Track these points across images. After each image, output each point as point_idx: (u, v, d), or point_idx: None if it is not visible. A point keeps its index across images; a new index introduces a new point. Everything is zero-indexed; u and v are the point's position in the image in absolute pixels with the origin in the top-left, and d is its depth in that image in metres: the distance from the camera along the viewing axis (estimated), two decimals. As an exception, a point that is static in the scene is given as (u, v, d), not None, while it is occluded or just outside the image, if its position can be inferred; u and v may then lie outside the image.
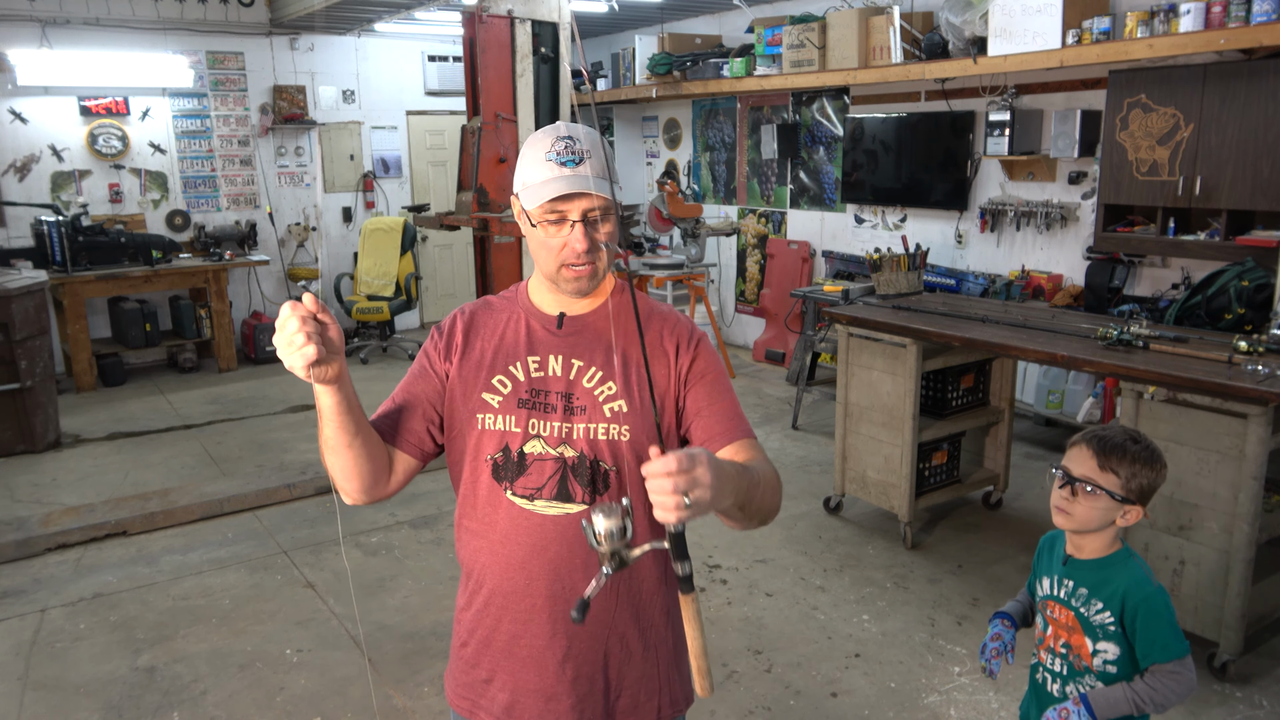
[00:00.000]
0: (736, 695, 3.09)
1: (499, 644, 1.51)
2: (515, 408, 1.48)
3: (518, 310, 1.57)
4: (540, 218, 1.44)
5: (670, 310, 1.60)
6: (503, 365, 1.51)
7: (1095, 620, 1.81)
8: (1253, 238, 4.37)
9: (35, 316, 5.63)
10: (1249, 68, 4.30)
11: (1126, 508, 1.78)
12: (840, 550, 4.17)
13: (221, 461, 5.47)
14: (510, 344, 1.53)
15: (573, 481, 1.46)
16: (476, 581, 1.53)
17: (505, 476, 1.47)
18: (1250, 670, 3.18)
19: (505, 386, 1.50)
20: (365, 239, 8.28)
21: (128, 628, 3.60)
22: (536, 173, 1.44)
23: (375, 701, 3.12)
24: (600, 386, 1.49)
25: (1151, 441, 1.82)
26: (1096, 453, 1.78)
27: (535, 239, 1.47)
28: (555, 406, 1.48)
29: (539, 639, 1.49)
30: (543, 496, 1.46)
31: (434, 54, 8.83)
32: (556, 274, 1.48)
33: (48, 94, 7.13)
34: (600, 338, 1.52)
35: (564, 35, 4.94)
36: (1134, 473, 1.76)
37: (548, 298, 1.56)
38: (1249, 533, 2.98)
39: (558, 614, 1.48)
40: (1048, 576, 1.92)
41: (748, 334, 8.15)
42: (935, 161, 6.16)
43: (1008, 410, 4.49)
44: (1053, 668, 1.89)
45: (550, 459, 1.47)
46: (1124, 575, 1.80)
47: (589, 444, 1.47)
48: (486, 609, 1.52)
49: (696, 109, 8.30)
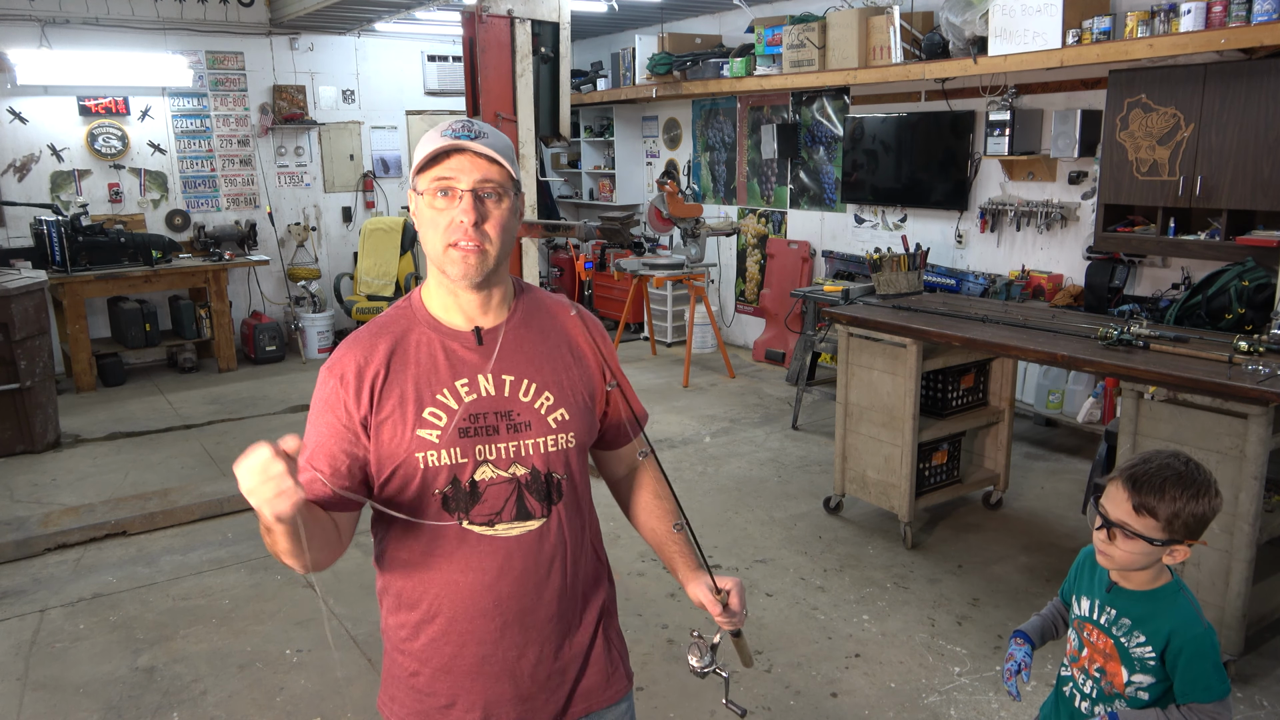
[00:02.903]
0: (736, 695, 3.08)
1: (462, 668, 1.48)
2: (457, 438, 1.41)
3: (421, 329, 1.46)
4: (427, 187, 1.38)
5: (563, 299, 1.59)
6: (430, 396, 1.41)
7: (1135, 653, 1.74)
8: (1253, 238, 4.37)
9: (35, 316, 5.63)
10: (1249, 67, 4.30)
11: (1171, 548, 1.66)
12: (840, 550, 4.17)
13: (221, 461, 5.47)
14: (429, 370, 1.43)
15: (529, 498, 1.45)
16: (427, 612, 1.47)
17: (458, 507, 1.42)
18: (1250, 670, 3.18)
19: (439, 418, 1.41)
20: (365, 239, 8.28)
21: (127, 628, 3.60)
22: (425, 146, 1.39)
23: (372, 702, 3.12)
24: (538, 399, 1.47)
25: (1200, 469, 1.67)
26: (1132, 494, 1.66)
27: (423, 219, 1.40)
28: (497, 427, 1.43)
29: (510, 652, 1.48)
30: (503, 520, 1.44)
31: (434, 54, 8.83)
32: (443, 255, 1.39)
33: (47, 94, 7.13)
34: (521, 347, 1.48)
35: (564, 35, 4.93)
36: (1175, 512, 1.63)
37: (451, 308, 1.46)
38: (1249, 533, 2.98)
39: (529, 624, 1.48)
40: (1087, 598, 1.85)
41: (748, 334, 8.15)
42: (935, 161, 6.16)
43: (1008, 410, 4.49)
44: (1083, 688, 1.84)
45: (503, 481, 1.44)
46: (1172, 612, 1.71)
47: (541, 459, 1.46)
48: (445, 637, 1.47)
49: (696, 109, 8.30)
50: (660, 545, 1.67)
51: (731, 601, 1.53)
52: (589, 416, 1.54)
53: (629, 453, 1.69)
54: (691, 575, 1.61)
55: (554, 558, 1.49)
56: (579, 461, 1.52)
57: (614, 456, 1.70)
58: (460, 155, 1.37)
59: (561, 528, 1.50)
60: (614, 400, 1.60)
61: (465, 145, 1.35)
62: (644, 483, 1.70)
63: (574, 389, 1.51)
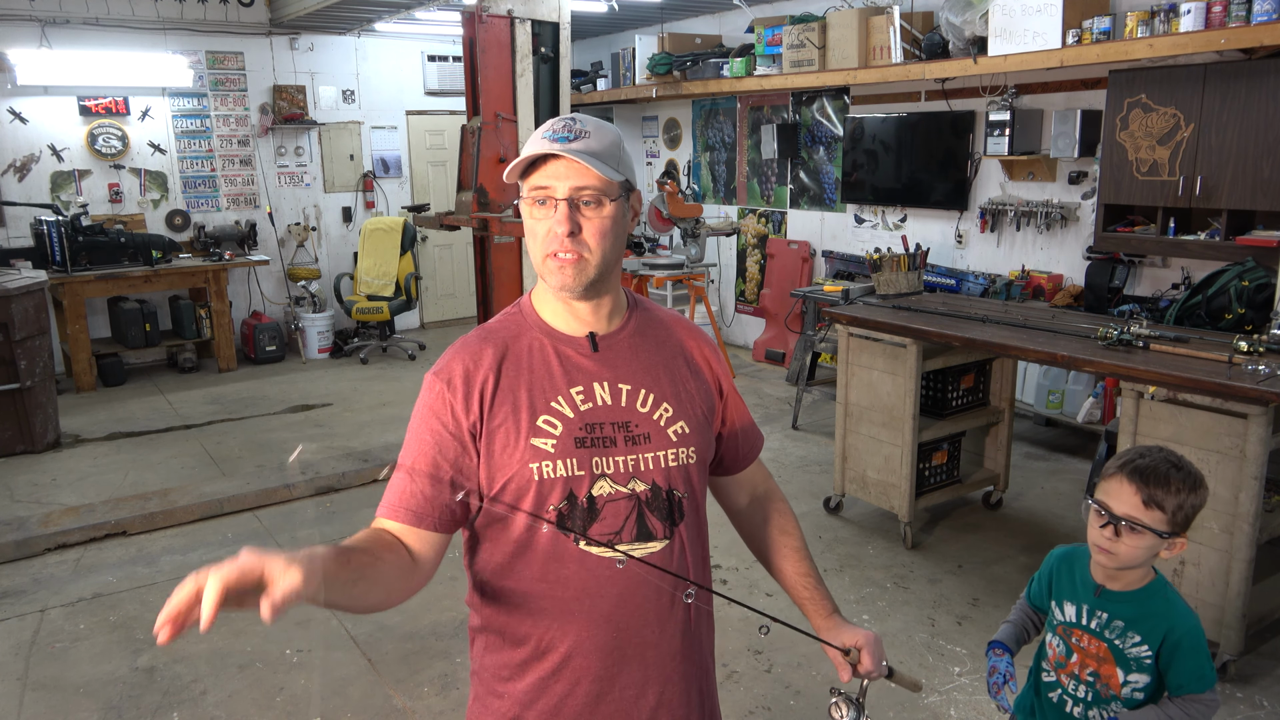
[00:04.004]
0: (736, 695, 3.09)
1: (573, 708, 1.35)
2: (574, 449, 1.31)
3: (533, 333, 1.38)
4: (526, 195, 1.31)
5: (679, 315, 1.54)
6: (544, 403, 1.32)
7: (1132, 653, 1.73)
8: (1253, 238, 4.37)
9: (35, 316, 5.63)
10: (1249, 67, 4.30)
11: (1172, 540, 1.67)
12: (840, 550, 4.17)
13: (221, 461, 5.47)
14: (543, 376, 1.34)
15: (650, 517, 1.35)
16: (536, 648, 1.35)
17: (574, 526, 1.31)
18: (1250, 670, 3.18)
19: (555, 427, 1.32)
20: (365, 239, 8.28)
21: (127, 628, 3.60)
22: (525, 149, 1.31)
23: (376, 701, 3.12)
24: (657, 410, 1.38)
25: (1191, 464, 1.70)
26: (1140, 487, 1.64)
27: (525, 226, 1.34)
28: (615, 439, 1.34)
29: (629, 691, 1.36)
30: (623, 540, 1.33)
31: (434, 54, 8.83)
32: (543, 265, 1.32)
33: (47, 94, 7.13)
34: (637, 355, 1.40)
35: (564, 35, 4.93)
36: (1180, 504, 1.64)
37: (561, 313, 1.38)
38: (1249, 533, 2.98)
39: (649, 661, 1.37)
40: (1071, 603, 1.82)
41: (748, 334, 8.15)
42: (935, 161, 6.16)
43: (1008, 410, 4.49)
44: (1075, 693, 1.82)
45: (622, 498, 1.33)
46: (1166, 608, 1.72)
47: (662, 474, 1.36)
48: (557, 675, 1.34)
49: (696, 109, 8.29)
50: (791, 589, 1.56)
51: (863, 663, 1.42)
52: (708, 432, 1.45)
53: (749, 478, 1.60)
54: (824, 625, 1.50)
55: (677, 586, 1.38)
56: (700, 479, 1.43)
57: (733, 483, 1.59)
58: (557, 160, 1.29)
59: (685, 552, 1.39)
60: (729, 417, 1.51)
61: (560, 151, 1.27)
62: (771, 517, 1.60)
63: (692, 402, 1.42)
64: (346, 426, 6.10)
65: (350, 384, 7.24)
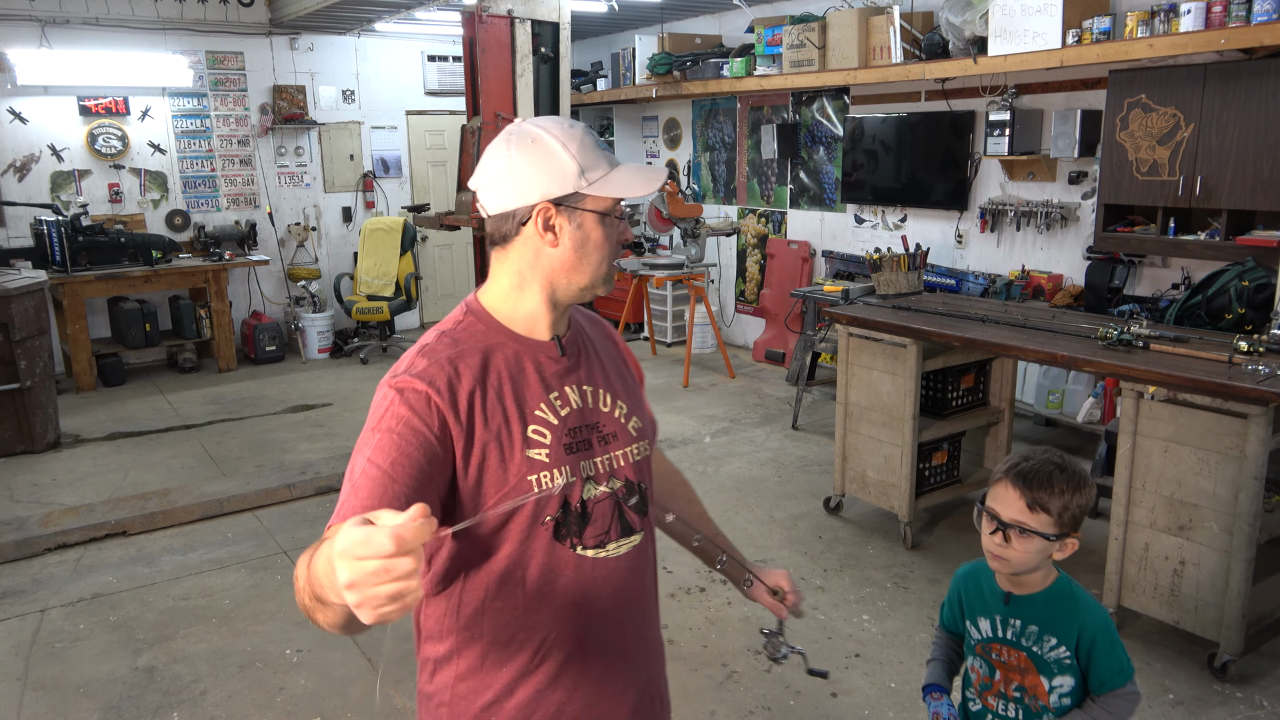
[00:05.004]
0: (736, 695, 3.09)
1: (571, 713, 1.36)
2: (565, 455, 1.31)
3: (502, 341, 1.34)
4: (610, 207, 1.32)
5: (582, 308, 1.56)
6: (530, 413, 1.31)
7: (1050, 657, 1.70)
8: (1253, 238, 4.37)
9: (35, 316, 5.63)
10: (1249, 67, 4.30)
11: (1063, 541, 1.66)
12: (840, 550, 4.17)
13: (221, 461, 5.47)
14: (523, 385, 1.32)
15: (628, 512, 1.39)
16: (532, 660, 1.33)
17: (569, 533, 1.31)
18: (1250, 670, 3.18)
19: (545, 436, 1.30)
20: (365, 239, 8.28)
21: (128, 628, 3.60)
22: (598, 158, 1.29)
23: (377, 701, 3.12)
24: (616, 409, 1.41)
25: (1076, 463, 1.70)
26: (1024, 491, 1.65)
27: (595, 239, 1.32)
28: (591, 441, 1.36)
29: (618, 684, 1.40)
30: (612, 538, 1.36)
31: (434, 54, 8.83)
32: (606, 277, 1.35)
33: (47, 94, 7.13)
34: (589, 356, 1.43)
35: (564, 35, 4.93)
36: (1065, 505, 1.64)
37: (532, 319, 1.36)
38: (1249, 533, 2.98)
39: (635, 651, 1.42)
40: (985, 618, 1.79)
41: (748, 334, 8.15)
42: (935, 161, 6.16)
43: (1008, 410, 4.49)
44: (1006, 713, 1.76)
45: (606, 498, 1.36)
46: (1076, 606, 1.71)
47: (633, 469, 1.40)
48: (555, 684, 1.33)
49: (696, 109, 8.29)
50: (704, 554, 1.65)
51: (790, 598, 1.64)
52: (649, 423, 1.50)
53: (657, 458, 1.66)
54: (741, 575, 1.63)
55: (649, 574, 1.43)
56: (650, 469, 1.48)
57: None
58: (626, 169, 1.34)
59: (651, 540, 1.45)
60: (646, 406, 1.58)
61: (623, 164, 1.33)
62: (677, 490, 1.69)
63: (634, 396, 1.47)
64: (346, 426, 6.10)
65: (350, 384, 7.24)
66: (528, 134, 1.29)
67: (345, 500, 1.17)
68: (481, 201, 1.33)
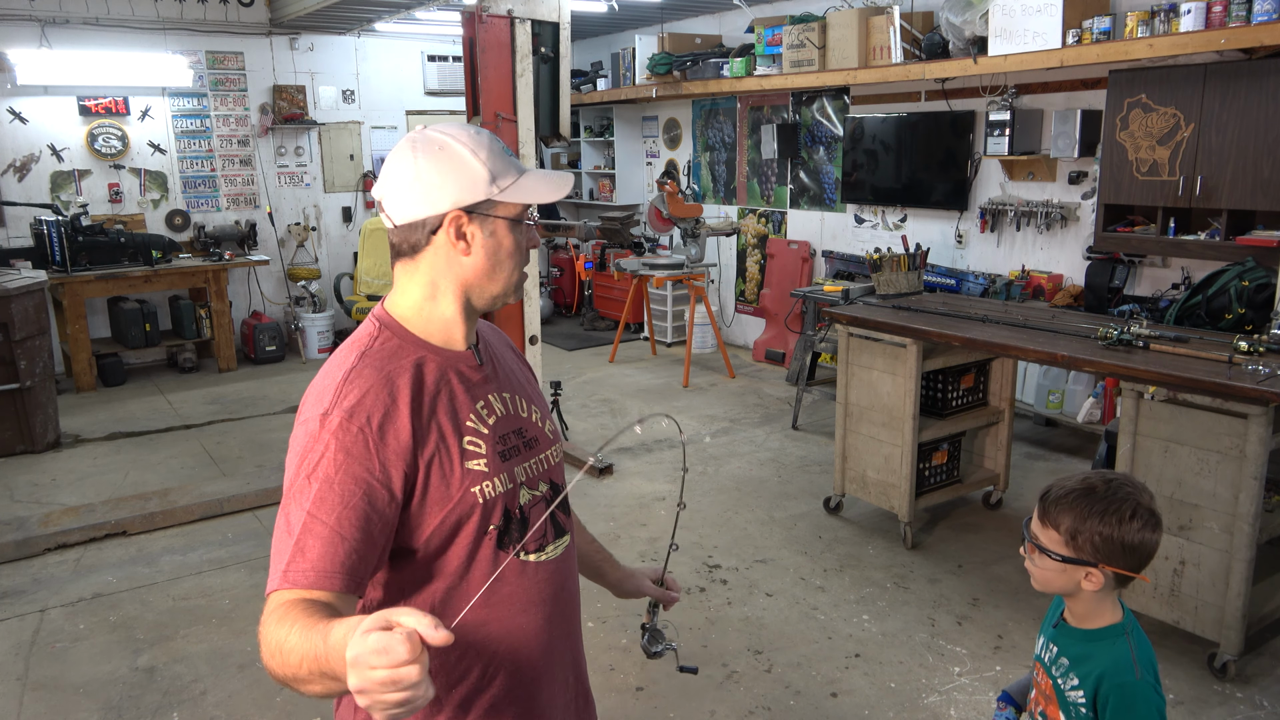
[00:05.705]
0: (736, 695, 3.09)
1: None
2: (500, 463, 1.31)
3: (422, 355, 1.30)
4: (519, 213, 1.31)
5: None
6: (462, 424, 1.29)
7: (1070, 697, 1.59)
8: (1253, 238, 4.37)
9: (35, 316, 5.63)
10: (1249, 67, 4.30)
11: (1086, 569, 1.52)
12: (840, 550, 4.17)
13: (221, 461, 5.47)
14: (450, 397, 1.29)
15: (558, 513, 1.40)
16: (480, 680, 1.31)
17: (511, 540, 1.31)
18: (1250, 670, 3.18)
19: (479, 446, 1.29)
20: (365, 239, 8.27)
21: (127, 628, 3.60)
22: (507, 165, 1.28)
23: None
24: (532, 413, 1.42)
25: (1126, 495, 1.52)
26: (1039, 506, 1.58)
27: (507, 246, 1.31)
28: (519, 447, 1.36)
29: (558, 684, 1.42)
30: (549, 540, 1.38)
31: (434, 54, 8.83)
32: (518, 285, 1.35)
33: (47, 94, 7.13)
34: (499, 363, 1.42)
35: (564, 35, 4.93)
36: (1079, 528, 1.51)
37: (447, 328, 1.33)
38: (1249, 533, 2.98)
39: (568, 649, 1.44)
40: (1042, 634, 1.73)
41: (748, 334, 8.15)
42: (935, 161, 6.16)
43: (1008, 410, 4.49)
44: None
45: (540, 501, 1.36)
46: (1107, 655, 1.55)
47: (557, 471, 1.43)
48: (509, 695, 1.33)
49: (696, 109, 8.29)
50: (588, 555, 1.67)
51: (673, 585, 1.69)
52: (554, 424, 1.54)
53: None
54: (624, 574, 1.68)
55: (575, 572, 1.46)
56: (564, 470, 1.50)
57: None
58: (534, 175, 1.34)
59: (574, 539, 1.49)
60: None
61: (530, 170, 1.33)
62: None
63: (541, 399, 1.49)
64: (346, 426, 6.09)
65: (350, 384, 7.23)
66: (434, 141, 1.26)
67: (291, 560, 1.13)
68: (386, 211, 1.29)
